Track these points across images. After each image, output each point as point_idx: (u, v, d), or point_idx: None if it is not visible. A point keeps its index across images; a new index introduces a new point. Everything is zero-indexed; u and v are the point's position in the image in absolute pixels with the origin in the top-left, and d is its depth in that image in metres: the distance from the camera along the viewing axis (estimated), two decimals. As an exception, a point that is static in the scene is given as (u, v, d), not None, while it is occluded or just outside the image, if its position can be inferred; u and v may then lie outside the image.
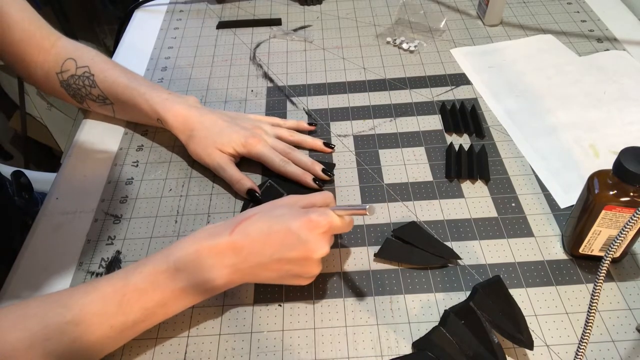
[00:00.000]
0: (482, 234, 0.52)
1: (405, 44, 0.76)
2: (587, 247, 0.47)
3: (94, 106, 0.66)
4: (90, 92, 0.63)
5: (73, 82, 0.63)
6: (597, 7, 0.80)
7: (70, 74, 0.62)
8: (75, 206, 0.58)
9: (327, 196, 0.48)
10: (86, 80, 0.62)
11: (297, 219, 0.43)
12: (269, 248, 0.43)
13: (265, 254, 0.43)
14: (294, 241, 0.43)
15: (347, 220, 0.46)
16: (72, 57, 0.62)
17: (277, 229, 0.43)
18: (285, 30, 0.82)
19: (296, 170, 0.57)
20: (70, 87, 0.63)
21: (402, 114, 0.66)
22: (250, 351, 0.45)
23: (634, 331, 0.44)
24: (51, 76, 0.63)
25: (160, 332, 0.47)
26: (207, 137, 0.58)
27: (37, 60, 0.63)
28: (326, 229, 0.44)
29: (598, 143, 0.60)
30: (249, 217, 0.44)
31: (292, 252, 0.43)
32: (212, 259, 0.43)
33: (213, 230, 0.44)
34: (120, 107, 0.64)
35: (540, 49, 0.74)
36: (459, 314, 0.43)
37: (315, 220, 0.43)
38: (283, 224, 0.43)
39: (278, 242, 0.43)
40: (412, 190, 0.57)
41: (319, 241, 0.43)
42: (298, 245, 0.43)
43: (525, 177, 0.57)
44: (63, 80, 0.63)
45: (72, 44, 0.64)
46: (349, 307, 0.48)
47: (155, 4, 0.90)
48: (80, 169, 0.62)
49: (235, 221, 0.44)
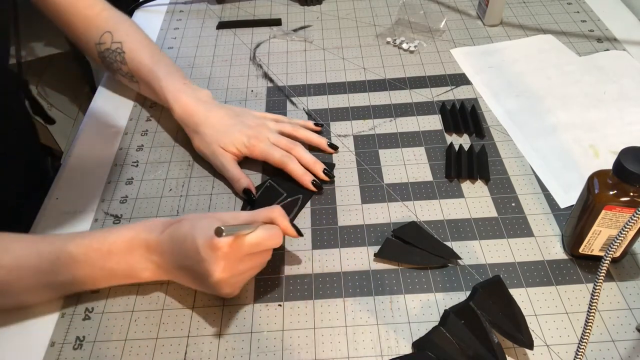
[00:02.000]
0: (482, 234, 0.52)
1: (405, 44, 0.76)
2: (587, 247, 0.47)
3: (124, 81, 0.68)
4: (120, 67, 0.65)
5: (107, 56, 0.65)
6: (597, 7, 0.80)
7: (106, 47, 0.65)
8: (75, 206, 0.58)
9: (273, 211, 0.47)
10: (117, 56, 0.64)
11: (204, 236, 0.42)
12: (180, 257, 0.44)
13: (177, 261, 0.45)
14: (196, 256, 0.42)
15: (261, 243, 0.44)
16: (109, 30, 0.65)
17: (189, 241, 0.43)
18: (285, 30, 0.82)
19: (297, 168, 0.57)
20: (105, 60, 0.66)
21: (402, 114, 0.66)
22: (250, 351, 0.45)
23: (634, 331, 0.44)
24: (91, 46, 0.66)
25: (160, 332, 0.47)
26: (211, 135, 0.58)
27: (80, 27, 0.65)
28: (225, 252, 0.42)
29: (598, 143, 0.60)
30: (179, 220, 0.45)
31: (194, 266, 0.43)
32: (142, 252, 0.46)
33: (151, 226, 0.46)
34: (143, 87, 0.66)
35: (540, 49, 0.74)
36: (459, 314, 0.43)
37: (214, 241, 0.41)
38: (194, 237, 0.42)
39: (185, 254, 0.43)
40: (412, 190, 0.57)
41: (214, 264, 0.42)
42: (198, 262, 0.42)
43: (525, 177, 0.57)
44: (100, 52, 0.66)
45: (115, 16, 0.66)
46: (349, 307, 0.48)
47: (155, 4, 0.90)
48: (80, 169, 0.62)
49: (172, 222, 0.46)
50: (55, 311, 0.49)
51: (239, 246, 0.42)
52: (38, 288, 0.47)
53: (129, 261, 0.46)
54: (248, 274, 0.46)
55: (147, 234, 0.46)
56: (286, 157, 0.57)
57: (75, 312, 0.49)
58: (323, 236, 0.53)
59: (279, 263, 0.51)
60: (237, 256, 0.43)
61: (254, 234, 0.43)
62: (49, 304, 0.49)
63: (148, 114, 0.69)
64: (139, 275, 0.47)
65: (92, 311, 0.49)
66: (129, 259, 0.46)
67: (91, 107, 0.71)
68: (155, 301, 0.49)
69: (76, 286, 0.48)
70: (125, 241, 0.46)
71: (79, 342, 0.47)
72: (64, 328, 0.48)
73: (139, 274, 0.47)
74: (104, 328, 0.47)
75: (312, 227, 0.54)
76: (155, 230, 0.46)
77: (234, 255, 0.42)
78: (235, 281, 0.45)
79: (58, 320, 0.48)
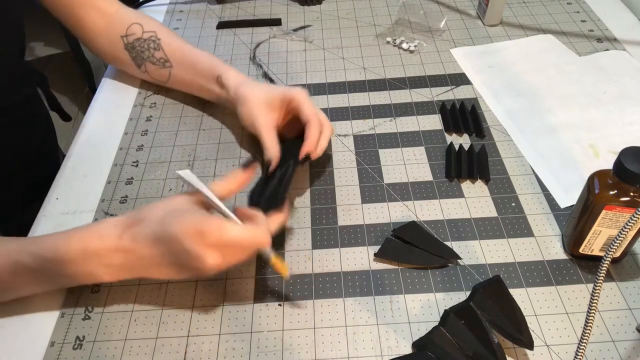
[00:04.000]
0: (482, 234, 0.52)
1: (405, 44, 0.76)
2: (587, 247, 0.47)
3: (151, 69, 0.68)
4: (153, 54, 0.66)
5: (138, 45, 0.66)
6: (597, 7, 0.80)
7: (136, 37, 0.66)
8: (75, 206, 0.58)
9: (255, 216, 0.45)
10: (152, 43, 0.66)
11: (184, 226, 0.41)
12: (156, 253, 0.43)
13: (153, 258, 0.43)
14: (179, 249, 0.41)
15: (251, 234, 0.42)
16: (138, 22, 0.67)
17: (162, 237, 0.42)
18: (285, 30, 0.82)
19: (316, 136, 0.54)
20: (134, 50, 0.67)
21: (402, 113, 0.66)
22: (250, 351, 0.45)
23: (634, 331, 0.44)
24: (115, 39, 0.67)
25: (160, 332, 0.47)
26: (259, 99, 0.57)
27: (100, 23, 0.67)
28: (215, 240, 0.41)
29: (598, 143, 0.60)
30: (140, 221, 0.44)
31: (178, 258, 0.42)
32: (96, 260, 0.44)
33: (103, 233, 0.44)
34: (178, 70, 0.66)
35: (540, 49, 0.74)
36: (459, 314, 0.43)
37: (200, 230, 0.40)
38: (168, 231, 0.41)
39: (164, 249, 0.42)
40: (412, 190, 0.57)
41: (204, 252, 0.41)
42: (183, 253, 0.41)
43: (525, 177, 0.57)
44: (128, 43, 0.67)
45: (135, 12, 0.69)
46: (349, 307, 0.48)
47: (155, 4, 0.90)
48: (80, 169, 0.62)
49: (127, 222, 0.44)
50: (55, 311, 0.49)
51: (223, 237, 0.41)
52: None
53: (86, 268, 0.44)
54: (237, 257, 0.44)
55: (99, 242, 0.44)
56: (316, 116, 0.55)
57: (75, 312, 0.49)
58: (323, 236, 0.53)
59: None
60: (223, 245, 0.42)
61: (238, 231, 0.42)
62: (49, 304, 0.49)
63: (148, 114, 0.69)
64: (101, 279, 0.45)
65: (92, 311, 0.49)
66: (85, 267, 0.44)
67: (91, 107, 0.71)
68: (155, 301, 0.49)
69: (40, 289, 0.48)
70: (77, 250, 0.44)
71: (79, 342, 0.47)
72: (64, 328, 0.48)
73: (99, 278, 0.45)
74: (104, 328, 0.47)
75: (312, 227, 0.54)
76: (108, 237, 0.44)
77: (222, 244, 0.41)
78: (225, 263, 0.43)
79: (58, 320, 0.48)
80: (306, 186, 0.58)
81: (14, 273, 0.45)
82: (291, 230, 0.54)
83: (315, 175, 0.59)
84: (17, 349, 0.47)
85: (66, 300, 0.50)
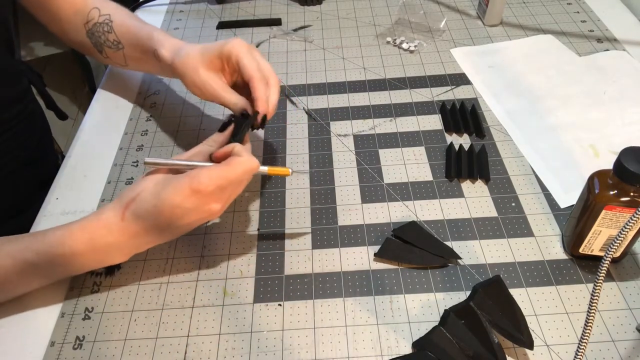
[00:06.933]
0: (482, 234, 0.52)
1: (405, 44, 0.76)
2: (587, 247, 0.47)
3: (110, 53, 0.66)
4: (107, 38, 0.65)
5: (95, 30, 0.65)
6: (597, 7, 0.80)
7: (94, 22, 0.65)
8: (75, 206, 0.58)
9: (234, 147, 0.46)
10: (105, 26, 0.64)
11: (179, 191, 0.42)
12: (163, 222, 0.44)
13: (161, 226, 0.45)
14: (182, 212, 0.43)
15: (239, 167, 0.44)
16: (96, 6, 0.65)
17: (161, 207, 0.43)
18: (285, 30, 0.82)
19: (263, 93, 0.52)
20: (93, 36, 0.65)
21: (402, 113, 0.66)
22: (250, 351, 0.45)
23: (634, 331, 0.44)
24: (80, 28, 0.66)
25: (160, 332, 0.47)
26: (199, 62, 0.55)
27: (69, 14, 0.65)
28: (212, 189, 0.43)
29: (598, 143, 0.60)
30: (134, 197, 0.44)
31: (185, 219, 0.44)
32: (105, 249, 0.45)
33: (105, 221, 0.45)
34: (128, 50, 0.64)
35: (540, 49, 0.74)
36: (459, 314, 0.43)
37: (196, 188, 0.42)
38: (165, 201, 0.43)
39: (168, 217, 0.44)
40: (412, 190, 0.57)
41: (207, 204, 0.43)
42: (188, 213, 0.43)
43: (525, 177, 0.57)
44: (88, 30, 0.65)
45: None
46: (349, 307, 0.48)
47: (155, 4, 0.90)
48: (80, 169, 0.62)
49: (123, 202, 0.45)
50: (55, 311, 0.49)
51: (221, 182, 0.43)
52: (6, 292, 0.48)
53: (97, 257, 0.46)
54: (236, 191, 0.46)
55: (106, 233, 0.45)
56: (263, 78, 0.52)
57: (75, 312, 0.49)
58: (323, 236, 0.53)
59: (279, 263, 0.51)
60: (218, 187, 0.43)
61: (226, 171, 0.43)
62: (49, 304, 0.49)
63: (148, 114, 0.69)
64: (113, 261, 0.47)
65: (92, 311, 0.49)
66: (95, 257, 0.46)
67: (91, 107, 0.71)
68: (155, 301, 0.49)
69: (48, 281, 0.49)
70: (85, 244, 0.45)
71: (79, 342, 0.47)
72: (64, 328, 0.48)
73: (111, 261, 0.47)
74: (104, 328, 0.47)
75: (312, 227, 0.54)
76: (112, 224, 0.45)
77: (221, 188, 0.43)
78: (229, 201, 0.46)
79: (58, 320, 0.48)
80: (306, 186, 0.58)
81: (20, 272, 0.45)
82: (291, 230, 0.54)
83: (315, 175, 0.59)
84: (17, 349, 0.47)
85: (66, 300, 0.50)
